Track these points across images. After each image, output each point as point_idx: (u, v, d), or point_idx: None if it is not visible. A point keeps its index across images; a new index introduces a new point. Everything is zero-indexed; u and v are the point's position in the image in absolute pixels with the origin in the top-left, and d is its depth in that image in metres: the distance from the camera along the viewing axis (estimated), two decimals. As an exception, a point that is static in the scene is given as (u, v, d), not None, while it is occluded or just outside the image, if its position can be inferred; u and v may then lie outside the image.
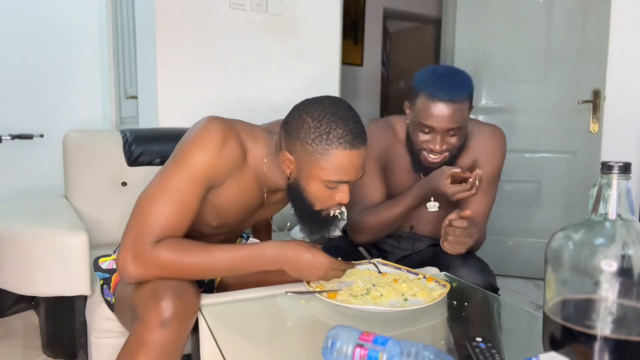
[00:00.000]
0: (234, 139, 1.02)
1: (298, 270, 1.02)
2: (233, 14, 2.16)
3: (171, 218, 0.95)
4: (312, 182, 1.00)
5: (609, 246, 0.66)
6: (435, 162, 1.31)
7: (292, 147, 1.00)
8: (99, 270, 1.17)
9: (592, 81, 2.46)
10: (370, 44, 4.56)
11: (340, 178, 0.99)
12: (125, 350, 0.89)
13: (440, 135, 1.27)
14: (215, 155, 0.98)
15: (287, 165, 1.02)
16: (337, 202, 1.02)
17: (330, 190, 1.01)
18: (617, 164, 0.68)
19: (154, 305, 0.87)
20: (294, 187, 1.03)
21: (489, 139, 1.42)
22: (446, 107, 1.24)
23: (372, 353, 0.70)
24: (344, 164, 0.97)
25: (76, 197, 1.66)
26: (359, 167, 1.01)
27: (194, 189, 0.97)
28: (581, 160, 2.57)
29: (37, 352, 1.60)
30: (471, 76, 1.35)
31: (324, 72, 2.42)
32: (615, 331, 0.65)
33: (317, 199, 1.02)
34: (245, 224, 1.21)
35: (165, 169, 0.99)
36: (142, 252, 0.93)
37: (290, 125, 1.00)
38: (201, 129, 1.00)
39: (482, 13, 2.71)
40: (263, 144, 1.07)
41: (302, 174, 1.00)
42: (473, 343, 0.80)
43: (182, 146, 1.01)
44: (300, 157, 0.99)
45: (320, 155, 0.97)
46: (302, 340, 0.93)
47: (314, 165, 0.98)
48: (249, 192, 1.08)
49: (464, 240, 1.16)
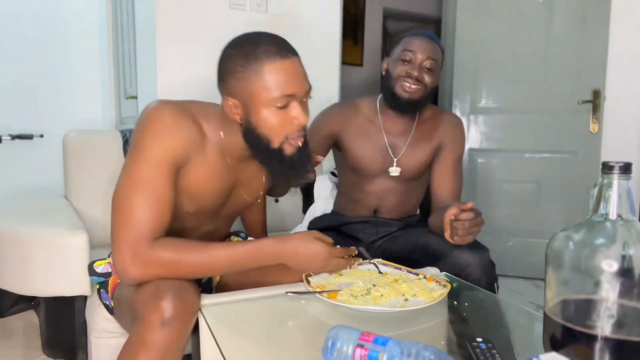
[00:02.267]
0: (187, 118, 1.00)
1: (298, 262, 1.02)
2: (233, 14, 2.16)
3: (153, 210, 0.95)
4: (262, 112, 0.98)
5: (610, 246, 0.66)
6: (411, 90, 1.42)
7: (230, 89, 0.99)
8: (94, 274, 1.16)
9: (592, 81, 2.46)
10: (370, 44, 4.56)
11: (284, 92, 0.97)
12: (126, 350, 0.89)
13: (418, 64, 1.41)
14: (173, 137, 0.97)
15: (234, 111, 1.00)
16: (294, 124, 0.99)
17: (282, 112, 0.98)
18: (617, 164, 0.68)
19: (155, 305, 0.87)
20: (249, 131, 1.01)
21: (454, 127, 1.56)
22: (428, 39, 1.43)
23: (372, 353, 0.70)
24: (281, 76, 0.96)
25: (76, 197, 1.66)
26: (299, 78, 0.99)
27: (163, 176, 0.96)
28: (581, 160, 2.57)
29: (37, 352, 1.60)
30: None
31: (324, 72, 2.42)
32: (615, 331, 0.65)
33: (274, 129, 0.99)
34: (225, 209, 1.17)
35: (129, 165, 0.98)
36: (140, 253, 0.93)
37: (220, 70, 1.01)
38: (151, 116, 0.98)
39: (482, 13, 2.72)
40: (216, 117, 1.06)
41: (249, 110, 0.99)
42: (473, 343, 0.80)
43: (137, 137, 0.99)
44: (240, 92, 0.98)
45: (256, 77, 0.96)
46: (302, 340, 0.93)
47: (254, 91, 0.97)
48: (216, 168, 1.06)
49: (473, 230, 1.20)
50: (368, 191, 1.56)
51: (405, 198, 1.59)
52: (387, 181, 1.54)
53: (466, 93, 2.78)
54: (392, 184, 1.55)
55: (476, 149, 2.80)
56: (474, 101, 2.78)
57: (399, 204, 1.58)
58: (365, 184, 1.56)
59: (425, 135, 1.53)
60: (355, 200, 1.59)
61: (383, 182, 1.55)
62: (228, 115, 1.02)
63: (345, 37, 3.53)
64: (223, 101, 1.03)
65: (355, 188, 1.59)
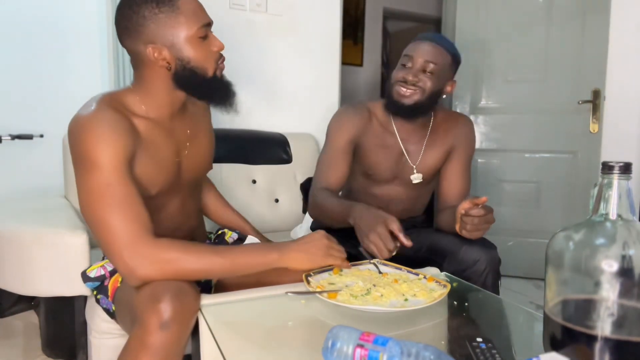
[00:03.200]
0: (118, 115, 1.00)
1: (301, 262, 1.05)
2: (233, 14, 2.16)
3: (128, 211, 0.94)
4: (188, 47, 1.02)
5: (610, 246, 0.66)
6: (404, 94, 1.39)
7: (150, 35, 1.00)
8: (88, 280, 1.14)
9: (592, 81, 2.46)
10: (370, 44, 4.57)
11: (202, 21, 1.03)
12: (126, 353, 0.89)
13: (416, 69, 1.38)
14: (118, 140, 0.96)
15: (159, 57, 1.02)
16: (217, 50, 1.06)
17: (206, 42, 1.04)
18: (617, 164, 0.68)
19: (153, 307, 0.87)
20: (182, 70, 1.03)
21: (466, 128, 1.56)
22: (427, 44, 1.39)
23: (372, 353, 0.70)
24: (194, 8, 1.02)
25: (76, 197, 1.65)
26: (203, 8, 1.06)
27: (122, 177, 0.96)
28: (581, 160, 2.57)
29: (37, 352, 1.60)
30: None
31: (324, 72, 2.42)
32: (615, 331, 0.65)
33: (206, 58, 1.04)
34: (184, 176, 1.16)
35: (83, 179, 0.97)
36: (140, 251, 0.93)
37: (127, 23, 1.01)
38: (89, 125, 0.96)
39: (482, 13, 2.72)
40: (130, 95, 1.06)
41: (177, 48, 1.02)
42: (473, 343, 0.80)
43: (80, 150, 0.96)
44: (163, 34, 1.01)
45: (174, 14, 1.00)
46: (302, 340, 0.93)
47: (176, 28, 1.01)
48: (155, 143, 1.06)
49: (481, 226, 1.20)
50: (377, 195, 1.55)
51: (414, 203, 1.59)
52: (398, 187, 1.53)
53: (466, 93, 2.78)
54: (402, 189, 1.54)
55: (476, 149, 2.78)
56: (474, 101, 2.78)
57: (407, 208, 1.57)
58: (375, 189, 1.55)
59: (439, 139, 1.52)
60: (361, 202, 1.56)
61: (394, 187, 1.54)
62: (153, 65, 1.03)
63: (345, 37, 3.53)
64: (141, 55, 1.02)
65: (363, 191, 1.57)
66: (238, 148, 2.03)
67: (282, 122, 2.27)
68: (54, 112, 1.89)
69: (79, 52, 1.97)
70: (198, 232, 1.28)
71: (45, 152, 1.89)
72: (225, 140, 1.91)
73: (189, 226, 1.22)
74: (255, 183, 2.05)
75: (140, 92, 1.07)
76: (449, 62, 1.42)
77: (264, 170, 2.07)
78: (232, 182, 1.97)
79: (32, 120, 1.89)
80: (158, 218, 1.09)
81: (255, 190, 2.04)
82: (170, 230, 1.14)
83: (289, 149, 2.13)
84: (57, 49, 1.93)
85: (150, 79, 1.05)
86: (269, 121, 2.25)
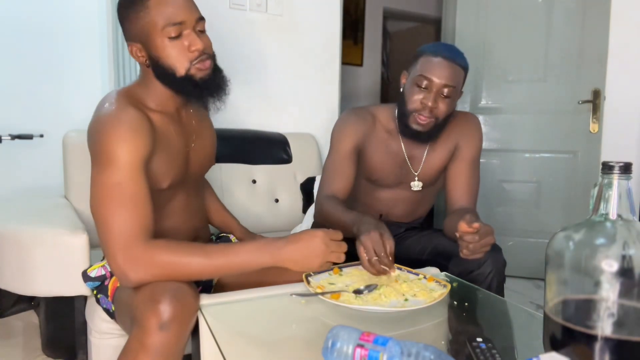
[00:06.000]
0: (140, 114, 1.01)
1: (297, 264, 1.00)
2: (233, 14, 2.16)
3: (132, 212, 0.94)
4: (158, 44, 1.03)
5: (610, 246, 0.66)
6: (423, 122, 1.36)
7: (128, 35, 1.06)
8: (88, 280, 1.15)
9: (592, 81, 2.46)
10: (370, 44, 4.57)
11: (171, 20, 1.01)
12: (125, 353, 0.89)
13: (435, 92, 1.33)
14: (139, 139, 0.98)
15: (139, 55, 1.05)
16: (192, 51, 1.04)
17: (178, 42, 1.03)
18: (617, 164, 0.68)
19: (152, 308, 0.87)
20: (157, 67, 1.05)
21: (469, 125, 1.51)
22: (447, 62, 1.33)
23: (372, 353, 0.70)
24: (164, 7, 1.02)
25: (76, 197, 1.66)
26: (184, 6, 1.04)
27: (135, 176, 0.96)
28: (581, 160, 2.57)
29: (37, 352, 1.60)
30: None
31: (324, 72, 2.42)
32: (615, 331, 0.65)
33: (175, 58, 1.04)
34: (192, 169, 1.18)
35: (98, 172, 0.97)
36: (133, 255, 0.92)
37: (120, 24, 1.07)
38: (112, 124, 0.98)
39: (482, 13, 2.72)
40: (139, 92, 1.09)
41: (149, 46, 1.04)
42: (473, 343, 0.80)
43: (100, 145, 0.98)
44: (136, 33, 1.04)
45: (144, 14, 1.02)
46: (302, 340, 0.93)
47: (145, 27, 1.02)
48: (167, 138, 1.08)
49: (479, 250, 1.13)
50: (379, 198, 1.54)
51: (417, 206, 1.58)
52: (402, 191, 1.52)
53: (466, 93, 2.78)
54: (405, 193, 1.53)
55: (476, 149, 2.80)
56: (474, 101, 2.78)
57: (409, 211, 1.56)
58: (377, 192, 1.54)
59: (442, 139, 1.48)
60: (364, 204, 1.56)
61: (398, 191, 1.53)
62: (136, 60, 1.07)
63: (345, 37, 3.53)
64: (130, 53, 1.07)
65: (364, 194, 1.56)
66: (238, 148, 2.03)
67: (282, 122, 2.27)
68: (54, 112, 1.89)
69: (79, 52, 1.97)
70: (202, 233, 1.28)
71: (45, 152, 1.88)
72: (225, 140, 1.91)
73: (193, 225, 1.22)
74: (255, 183, 2.05)
75: (144, 87, 1.10)
76: (463, 78, 1.39)
77: (264, 170, 2.07)
78: (232, 182, 1.97)
79: (32, 120, 1.88)
80: (164, 213, 1.10)
81: (255, 190, 2.04)
82: (175, 227, 1.14)
83: (289, 149, 2.13)
84: (57, 49, 1.93)
85: (145, 74, 1.09)
86: (269, 121, 2.25)
